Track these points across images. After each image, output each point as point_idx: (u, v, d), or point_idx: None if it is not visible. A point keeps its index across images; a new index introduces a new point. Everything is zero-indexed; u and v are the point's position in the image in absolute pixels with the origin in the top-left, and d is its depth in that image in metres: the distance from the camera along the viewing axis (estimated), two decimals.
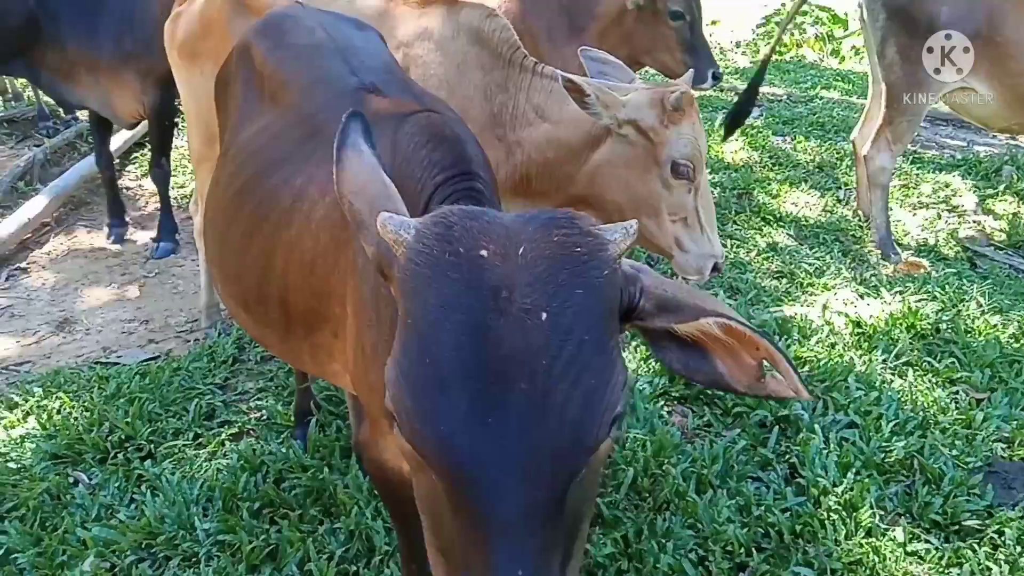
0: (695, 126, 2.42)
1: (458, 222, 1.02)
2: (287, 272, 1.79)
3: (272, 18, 2.27)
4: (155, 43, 3.66)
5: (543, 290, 0.96)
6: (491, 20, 2.70)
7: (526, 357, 0.93)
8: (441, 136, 1.55)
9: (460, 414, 0.93)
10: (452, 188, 1.45)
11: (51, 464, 2.87)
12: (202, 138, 3.20)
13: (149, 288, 4.31)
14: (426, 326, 0.97)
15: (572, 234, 1.01)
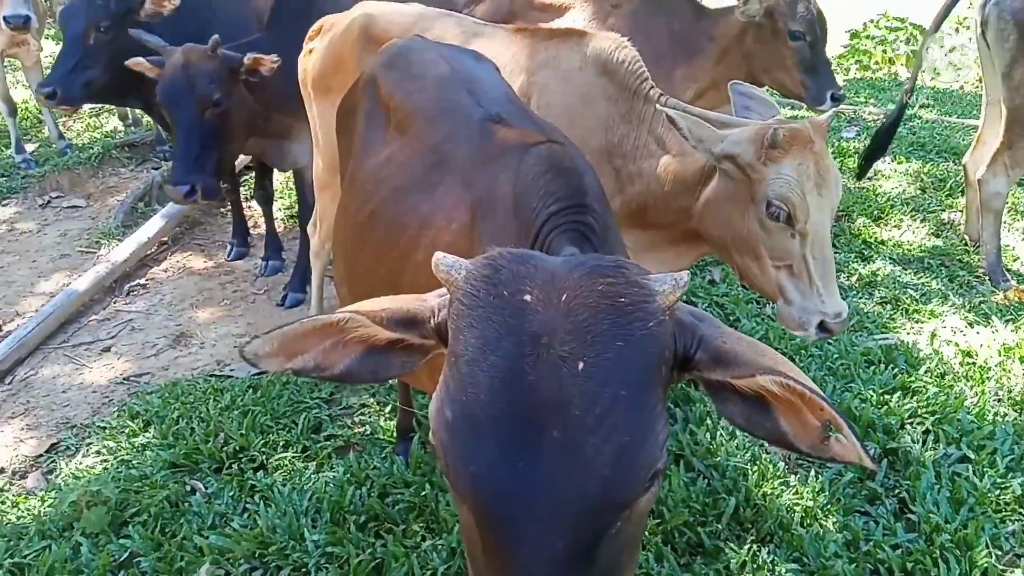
0: (800, 167, 2.25)
1: (506, 265, 1.05)
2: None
3: (395, 50, 2.37)
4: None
5: (582, 339, 0.97)
6: (621, 51, 2.70)
7: (559, 405, 0.94)
8: (560, 167, 1.59)
9: (491, 455, 0.96)
10: (564, 219, 1.48)
11: (170, 472, 3.03)
12: (327, 166, 3.35)
13: (258, 304, 4.50)
14: (466, 366, 1.00)
15: (617, 283, 1.02)
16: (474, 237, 1.68)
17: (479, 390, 0.97)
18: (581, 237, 1.45)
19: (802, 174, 2.24)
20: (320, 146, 3.46)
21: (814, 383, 1.05)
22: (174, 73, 3.66)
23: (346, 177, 2.35)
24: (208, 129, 3.72)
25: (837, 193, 2.30)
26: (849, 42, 11.72)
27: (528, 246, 1.47)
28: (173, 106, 3.71)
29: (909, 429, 2.99)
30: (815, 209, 2.25)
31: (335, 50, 3.14)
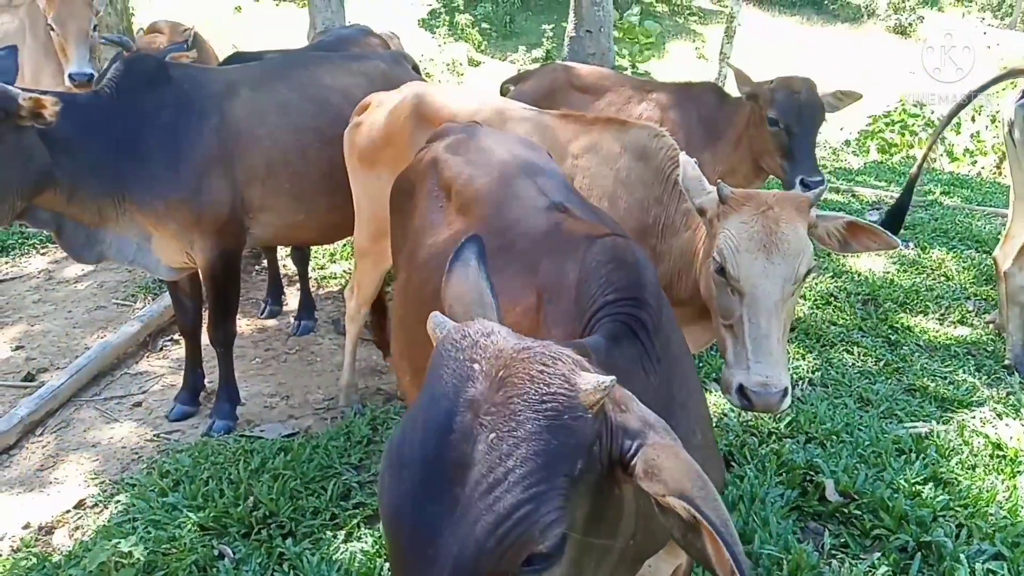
0: (743, 225, 2.29)
1: (471, 334, 1.16)
2: None
3: (458, 136, 2.47)
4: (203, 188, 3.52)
5: (502, 413, 1.06)
6: (658, 140, 2.87)
7: (466, 466, 1.04)
8: (622, 260, 1.67)
9: (403, 491, 1.07)
10: (617, 309, 1.56)
11: (198, 535, 3.02)
12: (369, 235, 3.45)
13: (290, 364, 4.55)
14: (414, 411, 1.12)
15: (548, 372, 1.10)
16: (539, 319, 1.75)
17: (412, 434, 1.09)
18: (629, 330, 1.52)
19: (743, 232, 2.29)
20: (363, 215, 3.55)
21: (720, 509, 1.07)
22: None
23: (403, 252, 2.42)
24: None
25: (793, 265, 2.28)
26: (869, 126, 11.96)
27: (580, 330, 1.56)
28: None
29: (942, 522, 2.97)
30: (758, 272, 2.27)
31: (385, 126, 3.26)
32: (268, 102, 3.73)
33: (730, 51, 13.79)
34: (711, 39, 24.33)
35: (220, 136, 3.56)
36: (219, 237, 3.60)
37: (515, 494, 1.02)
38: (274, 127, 3.70)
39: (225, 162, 3.58)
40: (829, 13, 30.29)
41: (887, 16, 29.31)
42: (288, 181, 3.75)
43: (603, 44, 8.72)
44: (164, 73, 3.51)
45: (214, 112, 3.57)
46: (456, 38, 22.74)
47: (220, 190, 3.57)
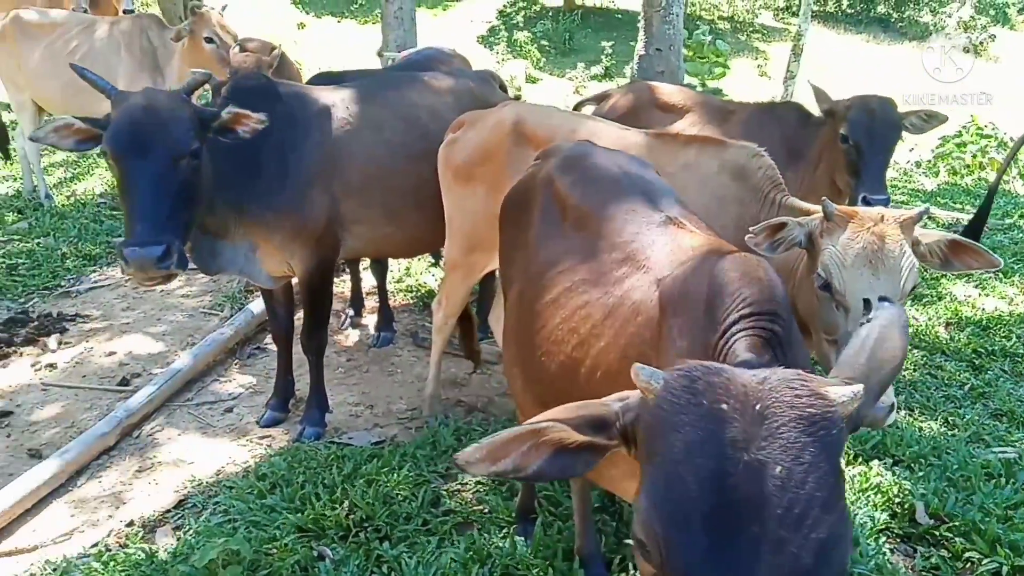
0: (849, 241, 2.34)
1: (701, 377, 1.18)
2: (592, 379, 1.99)
3: (570, 154, 2.55)
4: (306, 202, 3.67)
5: (777, 445, 1.09)
6: (757, 159, 2.92)
7: (760, 505, 1.06)
8: (756, 275, 1.73)
9: (700, 550, 1.06)
10: (754, 323, 1.61)
11: (297, 537, 3.13)
12: (460, 248, 3.56)
13: (372, 375, 4.67)
14: (673, 467, 1.12)
15: (804, 395, 1.14)
16: (662, 330, 1.81)
17: (688, 489, 1.10)
18: (766, 343, 1.58)
19: (848, 248, 2.33)
20: (454, 229, 3.66)
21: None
22: (137, 117, 3.05)
23: (517, 265, 2.52)
24: (182, 183, 3.08)
25: (898, 280, 2.30)
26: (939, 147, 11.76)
27: (714, 343, 1.62)
28: (135, 155, 3.02)
29: None
30: (864, 287, 2.29)
31: (483, 143, 3.37)
32: (364, 120, 3.89)
33: (797, 69, 13.69)
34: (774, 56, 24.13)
35: (321, 152, 3.73)
36: (317, 248, 3.75)
37: (827, 519, 1.06)
38: (369, 144, 3.85)
39: (325, 177, 3.74)
40: (896, 31, 29.77)
41: (956, 35, 28.67)
42: (380, 195, 3.89)
43: (672, 62, 8.76)
44: (274, 92, 3.68)
45: (316, 129, 3.74)
46: (515, 55, 22.96)
47: (320, 203, 3.73)
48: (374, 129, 3.90)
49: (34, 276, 5.74)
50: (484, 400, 4.38)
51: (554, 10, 26.54)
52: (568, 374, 2.08)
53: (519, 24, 24.98)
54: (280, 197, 3.62)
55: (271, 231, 3.66)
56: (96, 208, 7.19)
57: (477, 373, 4.58)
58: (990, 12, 31.84)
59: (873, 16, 30.48)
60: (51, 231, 6.51)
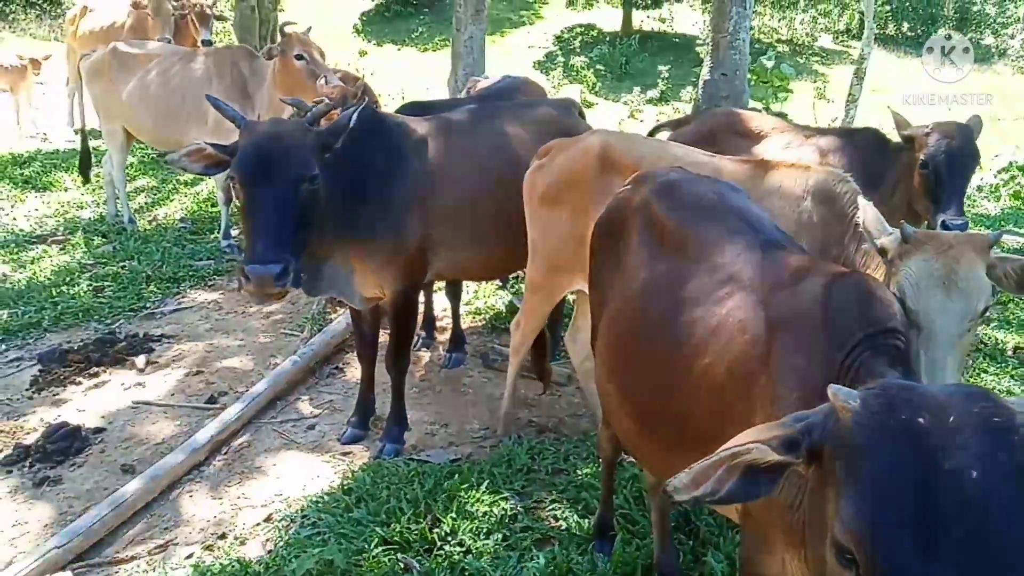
0: (925, 263, 2.38)
1: (897, 394, 1.28)
2: (694, 394, 2.07)
3: (665, 181, 2.65)
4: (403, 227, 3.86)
5: (972, 453, 1.18)
6: (842, 184, 3.00)
7: (962, 510, 1.15)
8: (875, 295, 1.83)
9: (911, 555, 1.15)
10: (880, 341, 1.70)
11: (384, 549, 3.24)
12: (543, 270, 3.67)
13: (444, 394, 4.79)
14: (880, 479, 1.21)
15: (989, 407, 1.23)
16: (771, 348, 1.90)
17: (896, 500, 1.20)
18: (894, 359, 1.67)
19: (924, 270, 2.36)
20: (538, 252, 3.77)
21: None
22: (263, 144, 3.25)
23: (610, 286, 2.61)
24: (302, 206, 3.28)
25: (971, 302, 2.33)
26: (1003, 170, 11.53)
27: (840, 360, 1.70)
28: (260, 180, 3.22)
29: None
30: (936, 307, 2.32)
31: (570, 169, 3.49)
32: (457, 148, 4.09)
33: (859, 92, 13.54)
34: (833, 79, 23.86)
35: (418, 179, 3.93)
36: (408, 271, 3.93)
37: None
38: (462, 171, 4.05)
39: (420, 203, 3.93)
40: None
41: (1019, 57, 27.87)
42: (469, 220, 4.07)
43: (737, 87, 8.81)
44: (380, 123, 3.94)
45: (415, 158, 3.95)
46: (571, 80, 23.15)
47: (415, 229, 3.92)
48: (466, 156, 4.10)
49: (120, 298, 5.99)
50: (555, 420, 4.45)
51: (611, 35, 26.74)
52: (669, 389, 2.16)
53: (576, 49, 25.20)
54: (380, 223, 3.81)
55: (369, 254, 3.84)
56: (177, 233, 7.48)
57: (547, 394, 4.66)
58: None
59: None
60: (135, 255, 6.78)
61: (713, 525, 3.30)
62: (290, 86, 6.27)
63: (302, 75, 6.30)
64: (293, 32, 6.55)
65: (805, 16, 29.03)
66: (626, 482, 3.62)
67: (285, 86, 6.34)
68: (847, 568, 1.25)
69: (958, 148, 4.06)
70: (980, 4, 29.78)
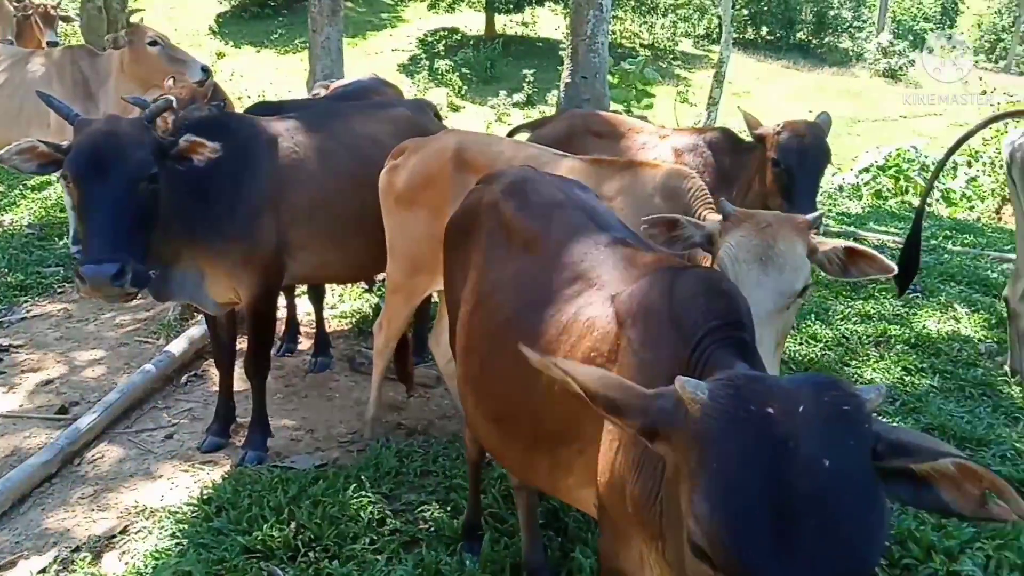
0: (743, 239, 2.45)
1: (745, 385, 1.28)
2: (548, 394, 2.06)
3: (514, 180, 2.65)
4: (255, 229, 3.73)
5: (822, 441, 1.19)
6: (687, 180, 3.07)
7: (814, 498, 1.16)
8: (718, 289, 1.85)
9: (766, 547, 1.15)
10: (725, 334, 1.72)
11: (246, 558, 3.12)
12: (402, 271, 3.63)
13: (310, 400, 4.66)
14: (731, 472, 1.20)
15: (839, 395, 1.26)
16: (620, 343, 1.91)
17: (749, 492, 1.18)
18: (738, 352, 1.69)
19: (742, 245, 2.44)
20: (396, 253, 3.73)
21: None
22: (98, 141, 3.12)
23: (466, 286, 2.59)
24: (140, 205, 3.15)
25: (788, 279, 2.41)
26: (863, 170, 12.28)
27: (687, 354, 1.72)
28: (94, 178, 3.08)
29: (970, 553, 3.07)
30: (752, 282, 2.39)
31: (425, 169, 3.47)
32: (310, 149, 3.97)
33: (719, 95, 14.11)
34: (695, 83, 24.82)
35: (270, 180, 3.79)
36: (264, 274, 3.79)
37: (872, 504, 1.19)
38: (315, 172, 3.93)
39: (273, 204, 3.80)
40: (816, 57, 30.76)
41: (876, 60, 29.59)
42: (325, 222, 3.95)
43: (598, 90, 8.97)
44: (224, 122, 3.78)
45: (265, 158, 3.81)
46: (436, 83, 23.13)
47: (268, 230, 3.78)
48: (320, 157, 3.98)
49: None
50: (424, 422, 4.41)
51: (475, 38, 26.87)
52: (523, 390, 2.16)
53: (440, 53, 25.19)
54: (230, 225, 3.67)
55: (220, 258, 3.69)
56: (24, 239, 7.07)
57: (415, 396, 4.62)
58: (908, 37, 33.04)
59: (793, 43, 31.46)
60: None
61: (581, 521, 3.33)
62: (145, 76, 5.98)
63: (161, 62, 6.01)
64: (140, 23, 6.26)
65: (666, 21, 30.07)
66: (495, 481, 3.62)
67: (139, 77, 6.04)
68: (703, 560, 1.24)
69: (809, 145, 4.17)
70: (837, 8, 31.64)
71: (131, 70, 6.16)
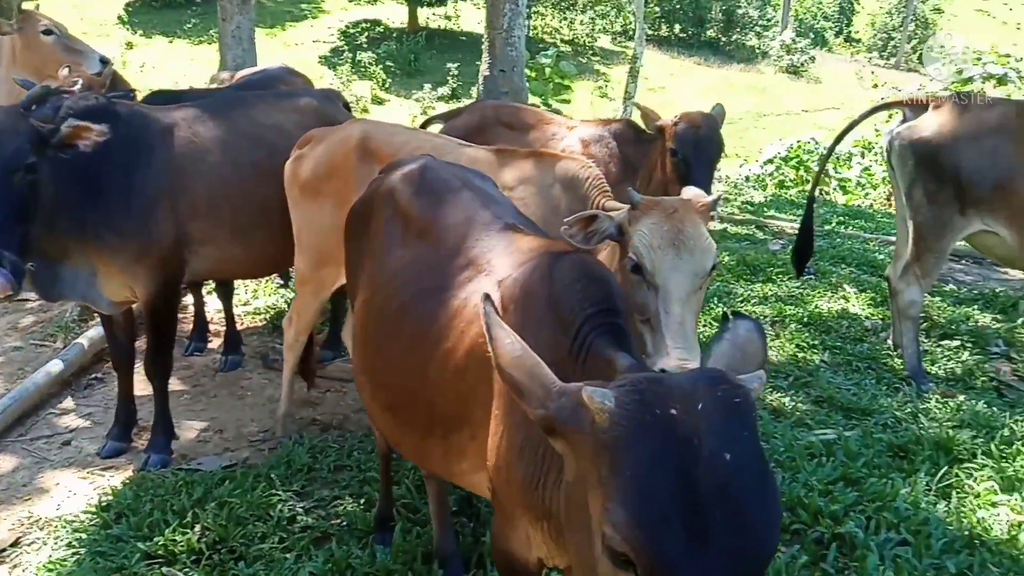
0: (654, 226, 2.50)
1: (647, 388, 1.29)
2: (439, 380, 2.08)
3: (412, 168, 2.63)
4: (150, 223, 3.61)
5: (722, 437, 1.23)
6: (584, 170, 3.11)
7: (719, 490, 1.20)
8: (593, 275, 1.88)
9: (683, 544, 1.18)
10: (601, 320, 1.76)
11: (147, 564, 3.03)
12: (310, 263, 3.56)
13: (220, 399, 4.55)
14: (643, 476, 1.22)
15: (729, 388, 1.30)
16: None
17: (662, 493, 1.20)
18: (616, 338, 1.73)
19: (654, 232, 2.50)
20: (303, 244, 3.66)
21: None
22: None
23: (362, 275, 2.57)
24: (16, 197, 3.04)
25: (700, 260, 2.49)
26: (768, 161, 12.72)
27: (568, 341, 1.75)
28: None
29: (853, 516, 3.25)
30: (668, 267, 2.46)
31: (329, 159, 3.41)
32: (209, 139, 3.84)
33: (634, 90, 14.40)
34: (614, 78, 25.24)
35: (165, 172, 3.65)
36: (161, 270, 3.66)
37: (770, 490, 1.24)
38: (215, 163, 3.80)
39: (170, 197, 3.66)
40: (725, 54, 31.82)
41: (780, 57, 30.88)
42: (228, 215, 3.84)
43: (516, 83, 9.05)
44: (113, 112, 3.55)
45: (159, 149, 3.66)
46: (360, 76, 22.90)
47: (165, 225, 3.64)
48: (220, 148, 3.85)
49: None
50: (340, 417, 4.36)
51: (398, 31, 26.67)
52: (416, 377, 2.16)
53: (363, 45, 24.92)
54: (123, 219, 3.52)
55: (113, 254, 3.54)
56: None
57: (331, 391, 4.57)
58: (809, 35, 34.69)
59: (704, 40, 32.47)
60: None
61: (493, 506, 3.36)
62: (38, 66, 5.68)
63: (55, 51, 5.72)
64: (32, 11, 5.96)
65: (585, 17, 30.53)
66: (408, 471, 3.61)
67: (32, 66, 5.73)
68: (623, 569, 1.24)
69: (704, 136, 4.33)
70: (744, 7, 32.70)
71: (23, 59, 5.85)
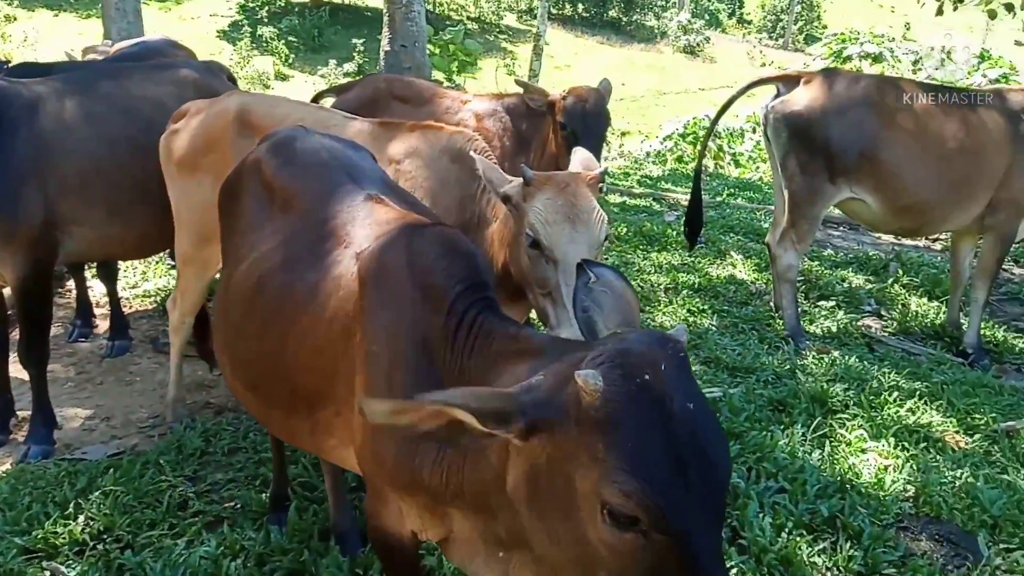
0: (549, 201, 2.54)
1: (624, 360, 1.35)
2: (298, 355, 2.04)
3: (280, 139, 2.58)
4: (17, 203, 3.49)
5: (684, 390, 1.34)
6: (472, 143, 3.12)
7: (696, 436, 1.32)
8: (456, 250, 1.88)
9: (685, 493, 1.29)
10: (474, 296, 1.78)
11: (25, 559, 2.92)
12: (191, 242, 3.46)
13: (107, 386, 4.40)
14: (642, 440, 1.29)
15: (673, 345, 1.39)
16: (363, 303, 1.90)
17: (659, 452, 1.30)
18: (494, 312, 1.76)
19: (549, 207, 2.56)
20: (183, 222, 3.56)
21: None
22: None
23: (230, 251, 2.50)
24: None
25: (595, 232, 2.58)
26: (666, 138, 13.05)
27: (441, 320, 1.76)
28: None
29: (736, 467, 3.40)
30: (566, 240, 2.53)
31: (206, 132, 3.31)
32: (79, 113, 3.68)
33: (539, 68, 14.49)
34: (521, 56, 25.28)
35: (31, 149, 3.49)
36: (31, 252, 3.51)
37: (720, 429, 1.42)
38: (85, 138, 3.65)
39: (38, 175, 3.50)
40: (627, 34, 32.37)
41: (677, 37, 31.71)
42: (102, 193, 3.69)
43: (418, 58, 8.99)
44: None
45: (23, 124, 3.49)
46: (261, 51, 22.25)
47: (32, 204, 3.49)
48: (91, 122, 3.70)
49: None
50: (234, 400, 4.27)
51: (300, 6, 25.98)
52: (275, 354, 2.12)
53: (263, 19, 24.20)
54: None
55: None
56: None
57: (218, 374, 4.47)
58: (705, 16, 35.75)
59: (606, 20, 32.94)
60: None
61: None
62: None
63: None
64: None
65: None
66: None
67: None
68: (625, 531, 1.30)
69: (591, 109, 4.44)
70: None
71: None
